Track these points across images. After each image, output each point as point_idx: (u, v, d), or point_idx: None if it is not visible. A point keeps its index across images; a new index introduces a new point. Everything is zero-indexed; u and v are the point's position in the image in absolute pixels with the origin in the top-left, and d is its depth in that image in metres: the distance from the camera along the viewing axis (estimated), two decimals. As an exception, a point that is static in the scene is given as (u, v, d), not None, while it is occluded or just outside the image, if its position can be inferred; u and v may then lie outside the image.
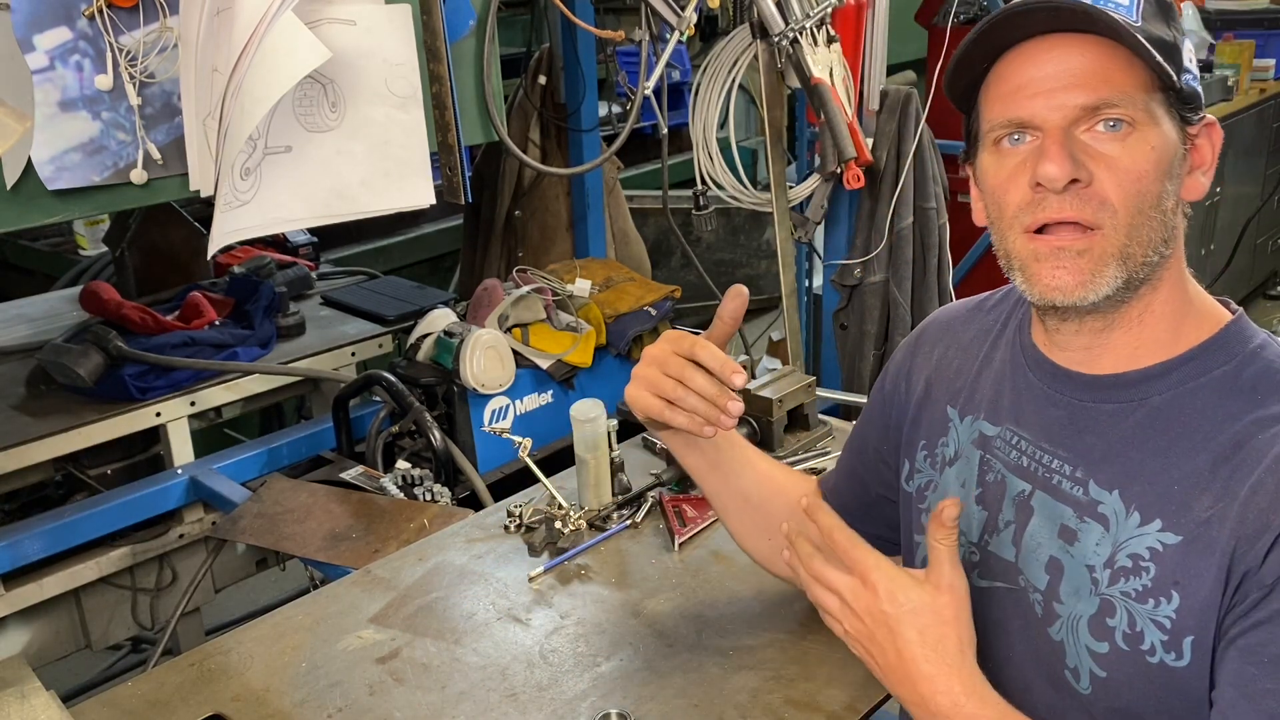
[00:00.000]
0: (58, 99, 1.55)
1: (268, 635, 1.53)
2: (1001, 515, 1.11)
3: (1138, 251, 0.97)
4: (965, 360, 1.22)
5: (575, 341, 2.29)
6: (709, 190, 2.67)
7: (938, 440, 1.22)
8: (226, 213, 1.62)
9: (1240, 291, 5.21)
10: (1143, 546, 0.98)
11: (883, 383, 1.35)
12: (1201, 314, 1.04)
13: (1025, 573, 1.08)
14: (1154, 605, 0.97)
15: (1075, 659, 1.03)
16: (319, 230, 2.48)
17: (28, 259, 4.05)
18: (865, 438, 1.37)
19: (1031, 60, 0.98)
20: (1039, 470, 1.08)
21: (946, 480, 1.19)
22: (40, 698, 1.34)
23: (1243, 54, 4.77)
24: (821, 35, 2.45)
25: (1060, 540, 1.05)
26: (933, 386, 1.25)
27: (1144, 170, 0.96)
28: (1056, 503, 1.06)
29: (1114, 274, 0.97)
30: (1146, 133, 0.96)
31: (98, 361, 2.17)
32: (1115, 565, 1.00)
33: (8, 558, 1.96)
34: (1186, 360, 1.02)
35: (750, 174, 2.71)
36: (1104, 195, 0.96)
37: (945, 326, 1.29)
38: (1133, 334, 1.03)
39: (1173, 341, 1.03)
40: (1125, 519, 1.00)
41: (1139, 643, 0.98)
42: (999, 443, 1.13)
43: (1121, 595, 0.99)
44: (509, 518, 1.79)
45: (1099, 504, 1.02)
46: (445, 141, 1.90)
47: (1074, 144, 0.96)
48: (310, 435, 2.33)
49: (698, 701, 1.34)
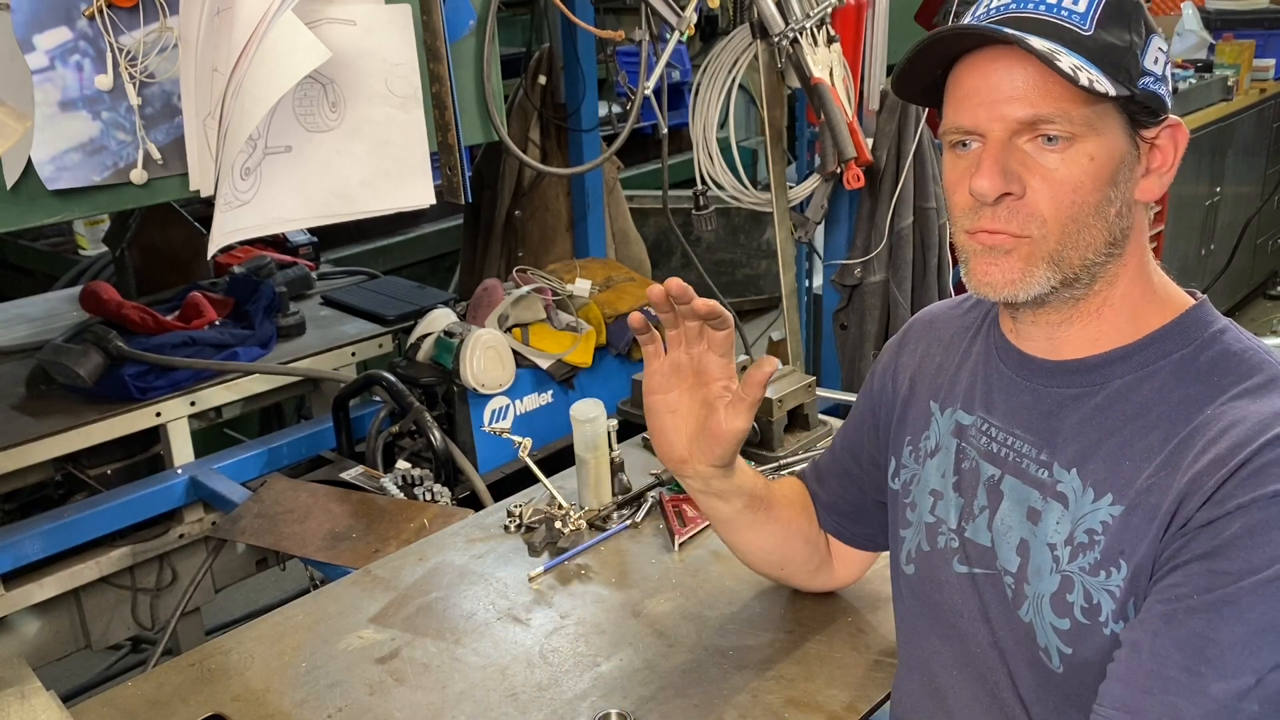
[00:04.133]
0: (58, 99, 1.55)
1: (268, 635, 1.53)
2: (976, 501, 1.13)
3: (1073, 256, 1.01)
4: (947, 356, 1.24)
5: (575, 341, 2.29)
6: (709, 190, 2.67)
7: (921, 435, 1.23)
8: (226, 213, 1.62)
9: (1240, 291, 5.21)
10: (1096, 521, 1.01)
11: (870, 384, 1.37)
12: (1164, 301, 1.06)
13: (999, 556, 1.10)
14: (1105, 576, 0.99)
15: (1044, 638, 1.04)
16: (319, 230, 2.48)
17: (28, 259, 4.05)
18: (859, 442, 1.38)
19: (980, 70, 1.00)
20: (1008, 455, 1.10)
21: (928, 472, 1.21)
22: (40, 698, 1.34)
23: (1243, 54, 4.77)
24: (821, 35, 2.46)
25: (1028, 522, 1.07)
26: (916, 383, 1.27)
27: (1080, 182, 0.98)
28: (1024, 485, 1.08)
29: (1045, 275, 1.01)
30: (1086, 144, 0.98)
31: (98, 361, 2.16)
32: (1075, 542, 1.02)
33: (8, 558, 1.95)
34: (1145, 345, 1.04)
35: (750, 174, 2.71)
36: (1035, 208, 0.99)
37: (928, 325, 1.31)
38: (1091, 326, 1.06)
39: (1133, 329, 1.05)
40: (1081, 496, 1.03)
41: (1096, 615, 1.00)
42: (973, 431, 1.15)
43: (1079, 571, 1.01)
44: (509, 518, 1.79)
45: (1059, 483, 1.05)
46: (445, 141, 1.90)
47: (1012, 155, 0.99)
48: (310, 435, 2.33)
49: (698, 701, 1.34)
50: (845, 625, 1.47)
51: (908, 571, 1.23)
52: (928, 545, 1.19)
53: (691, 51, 5.20)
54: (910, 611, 1.24)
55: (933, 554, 1.18)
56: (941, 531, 1.17)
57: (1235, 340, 1.03)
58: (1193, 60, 4.81)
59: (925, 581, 1.19)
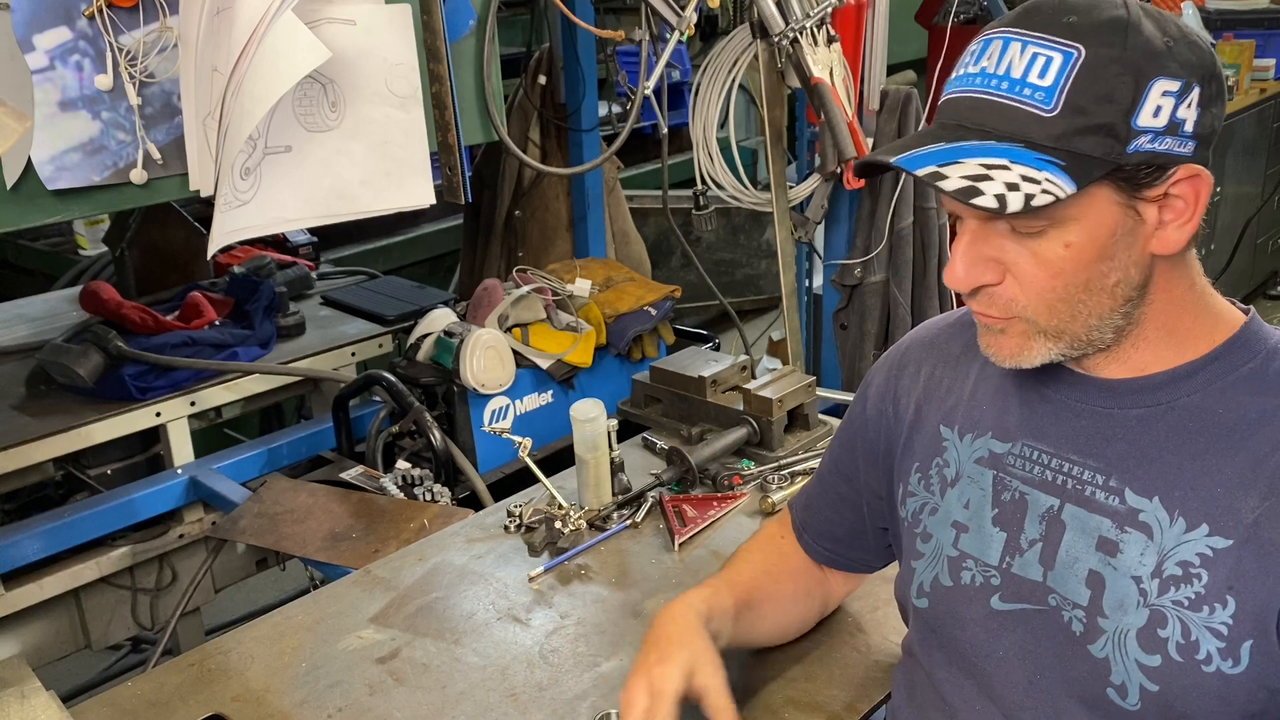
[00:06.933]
0: (58, 99, 1.55)
1: (268, 635, 1.53)
2: (1024, 535, 1.07)
3: (1072, 328, 0.98)
4: (955, 378, 1.19)
5: (575, 341, 2.29)
6: (709, 190, 2.67)
7: (932, 461, 1.18)
8: (226, 212, 1.62)
9: (1240, 291, 5.21)
10: (1192, 553, 0.96)
11: (863, 407, 1.30)
12: (1218, 316, 1.03)
13: (1059, 590, 1.04)
14: (1208, 613, 0.95)
15: (1122, 675, 0.99)
16: (319, 230, 2.47)
17: (28, 259, 4.05)
18: (853, 466, 1.32)
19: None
20: (1067, 483, 1.05)
21: (948, 503, 1.15)
22: (40, 698, 1.34)
23: (1243, 54, 4.77)
24: (821, 35, 2.45)
25: (1100, 553, 1.01)
26: (924, 408, 1.21)
27: (1059, 269, 0.95)
28: (1090, 514, 1.03)
29: (1046, 346, 0.99)
30: (1061, 233, 0.94)
31: (98, 361, 2.16)
32: (1164, 574, 0.97)
33: (8, 558, 1.95)
34: (1212, 360, 1.00)
35: (750, 174, 2.71)
36: (1014, 295, 0.98)
37: (929, 345, 1.25)
38: (1130, 359, 1.02)
39: (1179, 346, 1.01)
40: (1170, 526, 0.98)
41: (1194, 652, 0.95)
42: (1013, 459, 1.10)
43: (1173, 605, 0.96)
44: (509, 518, 1.79)
45: (1139, 512, 1.00)
46: (445, 141, 1.90)
47: (989, 242, 0.97)
48: (310, 435, 2.32)
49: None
50: (845, 625, 1.47)
51: (919, 605, 1.17)
52: (949, 580, 1.13)
53: (691, 51, 5.20)
54: (923, 638, 1.19)
55: (955, 590, 1.12)
56: (968, 567, 1.11)
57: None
58: (1193, 60, 4.80)
59: (944, 618, 1.14)
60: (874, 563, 1.39)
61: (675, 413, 2.14)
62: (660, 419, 2.16)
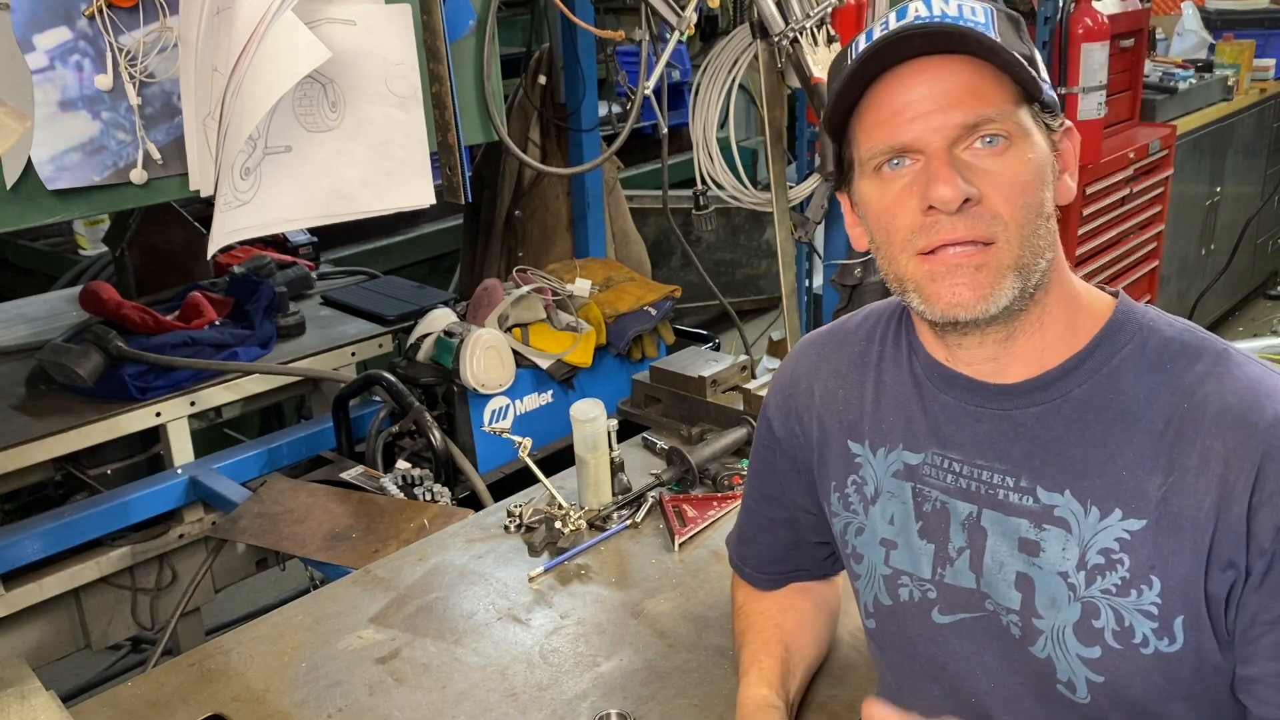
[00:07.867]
0: (58, 99, 1.55)
1: (268, 635, 1.53)
2: (951, 543, 1.08)
3: (1030, 260, 0.99)
4: (850, 389, 1.18)
5: (575, 341, 2.29)
6: (709, 190, 2.67)
7: (848, 479, 1.17)
8: (226, 212, 1.62)
9: (1240, 291, 5.21)
10: (1110, 539, 0.98)
11: (769, 430, 1.28)
12: (1091, 302, 1.05)
13: (993, 595, 1.05)
14: (1136, 595, 0.96)
15: (1067, 671, 1.01)
16: (319, 230, 2.48)
17: (28, 259, 4.06)
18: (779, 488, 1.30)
19: (904, 85, 0.98)
20: (981, 488, 1.05)
21: (873, 521, 1.15)
22: (40, 698, 1.34)
23: (1243, 54, 4.77)
24: (821, 35, 2.45)
25: (1024, 554, 1.02)
26: (826, 423, 1.20)
27: (1027, 181, 0.98)
28: (1008, 517, 1.03)
29: (1011, 285, 0.98)
30: (1022, 145, 0.98)
31: (98, 361, 2.17)
32: (1088, 565, 0.99)
33: (8, 558, 1.96)
34: (1095, 347, 1.02)
35: (750, 174, 2.70)
36: (995, 210, 0.97)
37: (815, 360, 1.24)
38: (1035, 339, 1.03)
39: (1073, 336, 1.03)
40: (1085, 517, 0.99)
41: (1130, 637, 0.97)
42: (928, 469, 1.09)
43: (1102, 594, 0.98)
44: (509, 518, 1.79)
45: (1054, 508, 1.01)
46: (445, 141, 1.90)
47: (958, 163, 0.97)
48: (310, 435, 2.33)
49: (698, 701, 1.34)
50: (845, 625, 1.47)
51: (869, 626, 1.18)
52: (888, 599, 1.13)
53: (691, 51, 5.20)
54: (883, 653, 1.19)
55: (896, 609, 1.13)
56: (903, 584, 1.12)
57: (1166, 325, 1.02)
58: (1193, 60, 4.80)
59: (894, 636, 1.15)
60: (814, 571, 1.37)
61: (675, 413, 2.15)
62: (660, 419, 2.16)
